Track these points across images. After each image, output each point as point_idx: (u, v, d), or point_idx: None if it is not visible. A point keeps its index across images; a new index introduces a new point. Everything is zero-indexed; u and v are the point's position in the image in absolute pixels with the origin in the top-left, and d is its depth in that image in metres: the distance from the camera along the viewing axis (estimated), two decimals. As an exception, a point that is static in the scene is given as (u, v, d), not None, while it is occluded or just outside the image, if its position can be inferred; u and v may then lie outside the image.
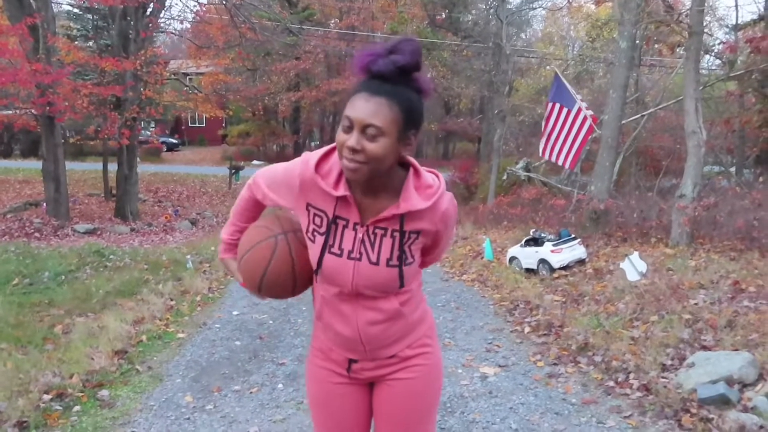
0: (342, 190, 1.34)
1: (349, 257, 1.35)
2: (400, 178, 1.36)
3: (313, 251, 1.39)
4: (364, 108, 1.25)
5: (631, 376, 3.53)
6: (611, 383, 3.53)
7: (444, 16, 27.22)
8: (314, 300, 1.50)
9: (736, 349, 3.52)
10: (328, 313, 1.45)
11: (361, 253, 1.35)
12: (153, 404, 3.40)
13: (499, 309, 5.50)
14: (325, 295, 1.42)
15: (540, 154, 10.13)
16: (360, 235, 1.36)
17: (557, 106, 8.80)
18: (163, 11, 15.94)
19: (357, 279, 1.36)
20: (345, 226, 1.36)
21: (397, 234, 1.36)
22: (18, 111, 14.40)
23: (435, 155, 32.19)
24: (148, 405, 3.39)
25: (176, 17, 34.48)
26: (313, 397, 1.59)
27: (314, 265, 1.39)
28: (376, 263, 1.35)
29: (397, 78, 1.27)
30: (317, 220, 1.37)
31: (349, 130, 1.26)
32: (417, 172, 1.38)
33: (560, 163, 9.17)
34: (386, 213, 1.34)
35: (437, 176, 1.40)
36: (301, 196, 1.38)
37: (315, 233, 1.38)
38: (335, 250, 1.36)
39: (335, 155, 1.35)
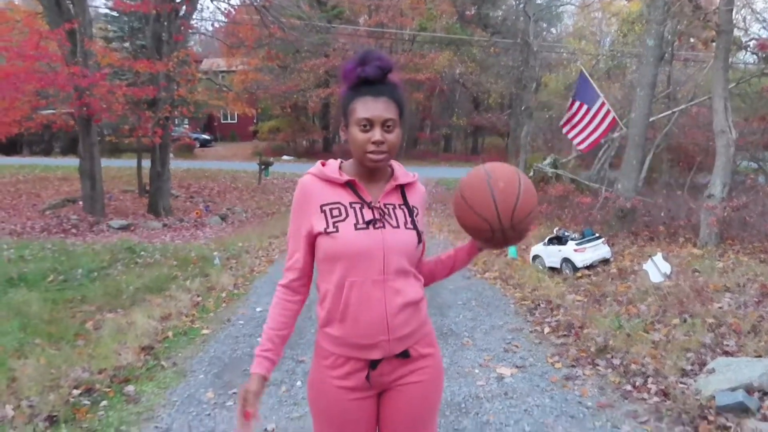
0: (347, 177, 1.51)
1: (374, 227, 1.48)
2: (389, 168, 1.59)
3: (342, 236, 1.46)
4: (377, 107, 1.44)
5: (650, 380, 3.49)
6: (629, 387, 3.49)
7: (473, 11, 26.99)
8: (326, 302, 1.51)
9: (759, 356, 3.44)
10: (356, 302, 1.46)
11: (383, 222, 1.50)
12: (176, 400, 3.52)
13: (519, 308, 5.48)
14: (356, 280, 1.46)
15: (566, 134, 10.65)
16: (376, 210, 1.51)
17: (576, 104, 9.34)
18: (194, 13, 16.23)
19: (386, 244, 1.47)
20: (361, 207, 1.50)
21: (404, 207, 1.54)
22: (57, 112, 14.90)
23: (464, 150, 31.79)
24: (171, 401, 3.51)
25: (208, 18, 35.05)
26: (327, 415, 1.57)
27: (348, 247, 1.46)
28: (398, 227, 1.50)
29: (382, 79, 1.48)
30: (335, 212, 1.49)
31: (366, 129, 1.45)
32: (398, 164, 1.62)
33: (575, 143, 9.79)
34: (388, 187, 1.53)
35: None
36: (312, 203, 1.50)
37: (337, 224, 1.47)
38: (361, 225, 1.48)
39: (324, 167, 1.54)
